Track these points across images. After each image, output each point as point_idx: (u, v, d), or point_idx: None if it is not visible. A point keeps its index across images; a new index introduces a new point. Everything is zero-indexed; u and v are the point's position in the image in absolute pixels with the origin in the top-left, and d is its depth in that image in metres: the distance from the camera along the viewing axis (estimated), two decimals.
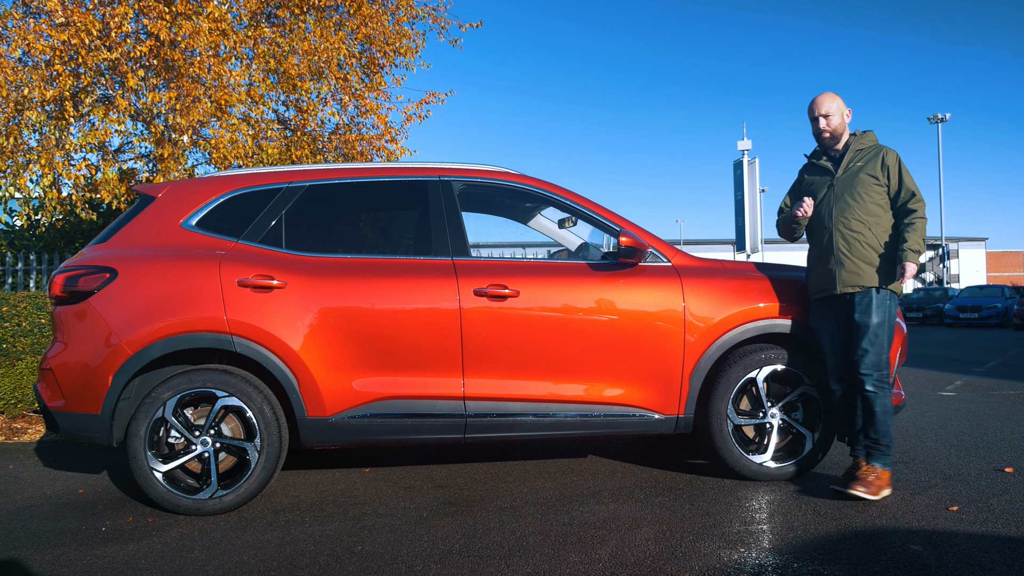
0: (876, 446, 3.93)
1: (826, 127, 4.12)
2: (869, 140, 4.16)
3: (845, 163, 4.09)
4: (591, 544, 3.30)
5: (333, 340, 3.94)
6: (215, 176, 4.36)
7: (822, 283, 4.07)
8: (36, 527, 3.75)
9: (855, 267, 3.95)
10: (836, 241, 4.01)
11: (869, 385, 3.90)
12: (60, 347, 3.94)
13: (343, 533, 3.54)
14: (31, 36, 7.56)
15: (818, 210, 4.12)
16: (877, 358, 3.90)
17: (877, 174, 4.03)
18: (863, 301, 3.94)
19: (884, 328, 3.93)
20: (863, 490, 3.80)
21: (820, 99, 4.16)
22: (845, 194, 4.03)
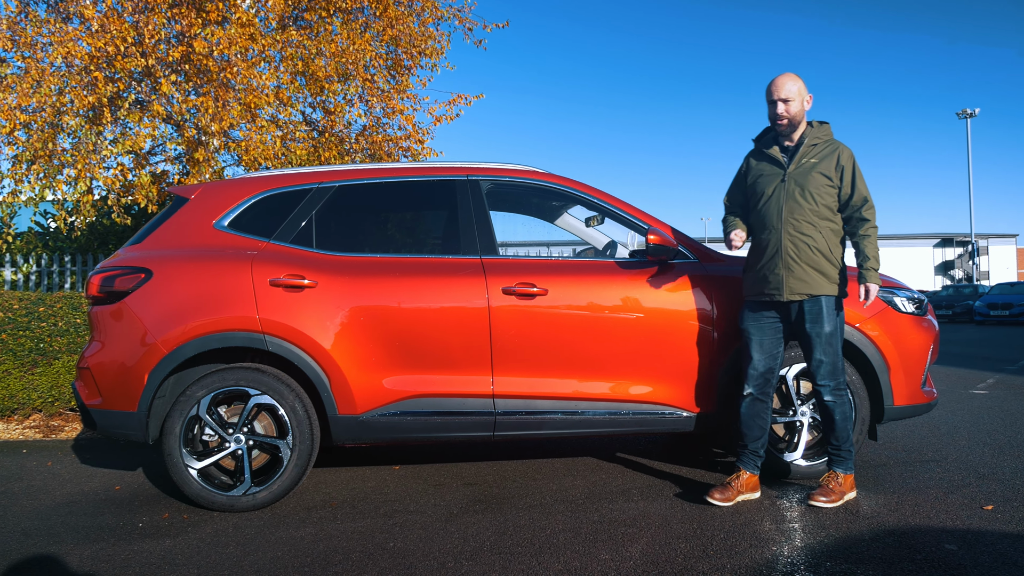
0: (837, 453, 3.82)
1: (784, 113, 3.78)
2: (825, 134, 3.87)
3: (798, 157, 3.80)
4: (622, 542, 3.29)
5: (363, 339, 3.96)
6: (247, 177, 4.40)
7: (764, 287, 3.81)
8: (75, 522, 3.81)
9: (804, 274, 3.72)
10: (784, 244, 3.75)
11: (828, 395, 3.77)
12: (97, 346, 4.00)
13: (375, 530, 3.56)
14: (71, 44, 7.68)
15: (766, 207, 3.84)
16: (833, 366, 3.75)
17: (831, 174, 3.76)
18: (813, 310, 3.73)
19: (836, 336, 3.76)
20: (823, 500, 3.66)
21: (780, 81, 3.80)
22: (796, 192, 3.76)
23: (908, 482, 4.17)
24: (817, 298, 3.73)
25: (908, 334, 4.28)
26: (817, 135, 3.85)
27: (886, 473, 4.37)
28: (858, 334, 4.19)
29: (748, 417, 3.88)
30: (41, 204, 10.09)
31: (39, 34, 8.14)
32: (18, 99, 7.77)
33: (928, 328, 4.39)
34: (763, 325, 3.87)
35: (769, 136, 3.96)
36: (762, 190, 3.87)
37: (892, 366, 4.21)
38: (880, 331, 4.20)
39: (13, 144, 8.34)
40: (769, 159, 3.91)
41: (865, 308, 4.20)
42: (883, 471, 4.41)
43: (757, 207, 3.90)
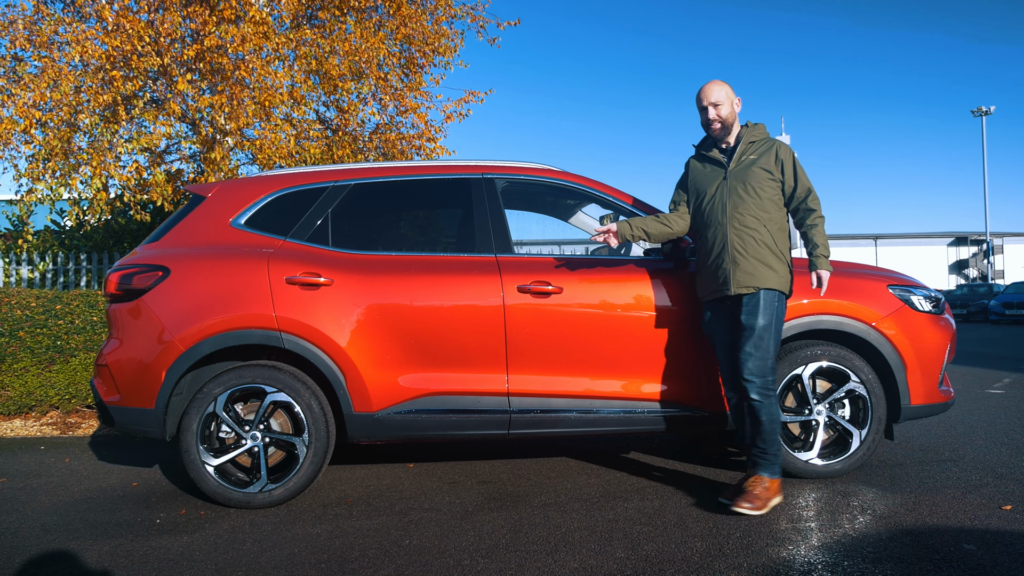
0: (763, 456, 3.71)
1: (716, 117, 3.83)
2: (760, 132, 3.91)
3: (738, 155, 3.83)
4: (637, 540, 3.29)
5: (379, 336, 3.97)
6: (263, 176, 4.42)
7: (715, 284, 3.80)
8: (94, 518, 3.84)
9: (750, 267, 3.71)
10: (731, 239, 3.75)
11: (754, 392, 3.67)
12: (115, 343, 4.03)
13: (390, 527, 3.57)
14: (88, 43, 7.74)
15: (710, 205, 3.85)
16: (762, 363, 3.66)
17: (771, 168, 3.79)
18: (751, 302, 3.70)
19: (771, 331, 3.69)
20: (748, 506, 3.55)
21: (709, 87, 3.87)
22: (739, 188, 3.78)
23: (925, 482, 4.14)
24: (757, 292, 3.70)
25: (925, 333, 4.26)
26: (753, 134, 3.89)
27: (903, 473, 4.34)
28: (874, 333, 4.17)
29: (739, 419, 3.87)
30: (57, 203, 10.16)
31: (55, 33, 8.19)
32: (35, 97, 7.83)
33: (945, 327, 4.37)
34: (724, 326, 3.85)
35: (708, 141, 3.99)
36: (705, 189, 3.89)
37: (909, 365, 4.19)
38: (897, 330, 4.18)
39: (30, 142, 8.40)
40: (710, 160, 3.94)
41: (882, 307, 4.18)
42: (899, 471, 4.39)
43: (701, 207, 3.89)
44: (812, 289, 3.96)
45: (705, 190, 3.89)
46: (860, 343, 4.23)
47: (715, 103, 3.83)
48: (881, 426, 4.19)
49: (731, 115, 3.86)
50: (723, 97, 3.84)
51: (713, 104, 3.83)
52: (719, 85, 3.87)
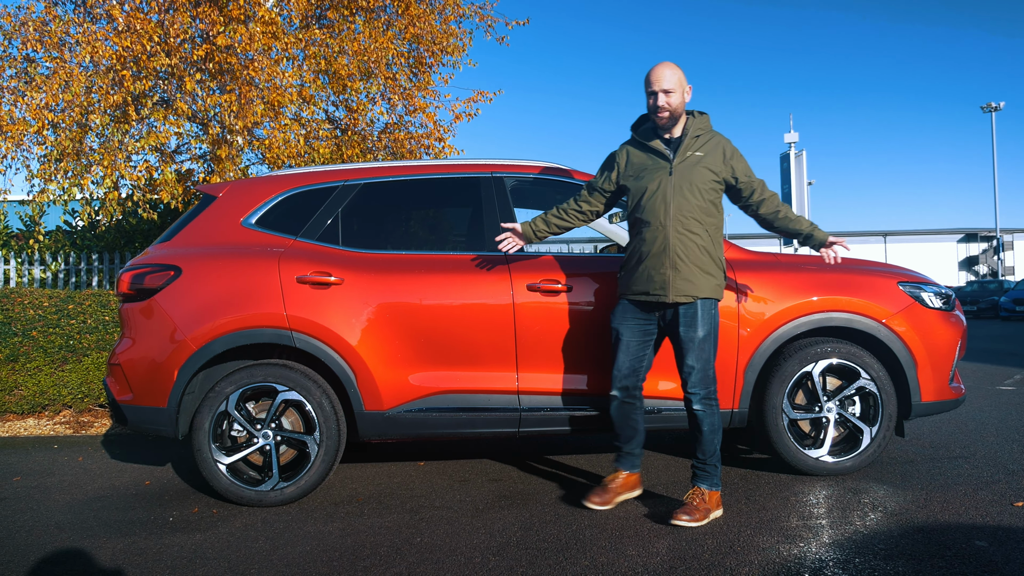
0: (703, 467, 3.59)
1: (666, 104, 3.51)
2: (705, 125, 3.66)
3: (683, 150, 3.58)
4: (648, 538, 3.29)
5: (389, 335, 3.98)
6: (273, 175, 4.44)
7: (648, 286, 3.57)
8: (107, 517, 3.86)
9: (690, 274, 3.51)
10: (672, 243, 3.51)
11: (697, 404, 3.54)
12: (128, 343, 4.05)
13: (401, 525, 3.58)
14: (98, 43, 7.77)
15: (651, 202, 3.57)
16: (704, 374, 3.54)
17: (717, 168, 3.59)
18: (688, 313, 3.53)
19: (710, 340, 3.55)
20: (687, 518, 3.40)
21: (660, 71, 3.53)
22: (684, 187, 3.54)
23: (936, 478, 4.13)
24: (694, 302, 3.54)
25: (936, 329, 4.24)
26: (700, 127, 3.64)
27: (914, 470, 4.33)
28: (885, 329, 4.15)
29: (619, 419, 3.74)
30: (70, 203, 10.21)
31: (66, 34, 8.23)
32: (47, 99, 7.87)
33: (956, 323, 4.35)
34: (634, 327, 3.68)
35: (647, 127, 3.70)
36: (646, 184, 3.61)
37: (920, 362, 4.17)
38: (907, 327, 4.17)
39: (42, 143, 8.45)
40: (652, 151, 3.65)
41: (892, 304, 4.17)
42: (911, 467, 4.38)
43: (640, 202, 3.62)
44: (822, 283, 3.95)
45: (646, 185, 3.61)
46: (870, 340, 4.22)
47: (667, 90, 3.51)
48: (892, 423, 4.18)
49: (681, 104, 3.57)
50: (675, 84, 3.53)
51: (664, 91, 3.51)
52: (672, 70, 3.55)
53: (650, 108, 3.59)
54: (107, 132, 8.57)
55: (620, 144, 3.85)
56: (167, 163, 9.07)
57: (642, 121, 3.77)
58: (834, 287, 4.19)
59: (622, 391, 3.70)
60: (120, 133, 8.54)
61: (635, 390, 3.72)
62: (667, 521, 3.46)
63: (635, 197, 3.66)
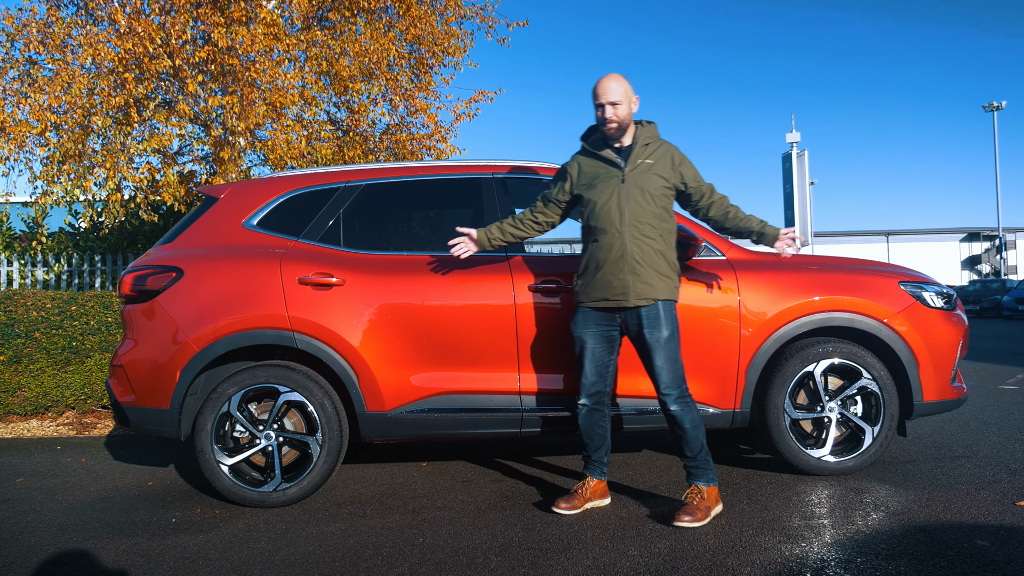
0: (694, 464, 3.60)
1: (614, 116, 3.58)
2: (653, 134, 3.73)
3: (634, 158, 3.64)
4: (650, 538, 3.29)
5: (391, 336, 3.99)
6: (275, 177, 4.44)
7: (608, 292, 3.60)
8: (110, 518, 3.87)
9: (648, 277, 3.55)
10: (630, 248, 3.56)
11: (673, 404, 3.55)
12: (130, 344, 4.05)
13: (404, 526, 3.58)
14: (100, 46, 7.79)
15: (605, 210, 3.61)
16: (674, 373, 3.56)
17: (667, 175, 3.65)
18: (650, 315, 3.56)
19: (675, 340, 3.59)
20: (688, 519, 3.41)
21: (607, 84, 3.59)
22: (637, 194, 3.59)
23: (938, 478, 4.12)
24: (655, 304, 3.58)
25: (937, 329, 4.24)
26: (648, 135, 3.71)
27: (916, 469, 4.32)
28: (886, 329, 4.15)
29: (587, 427, 3.75)
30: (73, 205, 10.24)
31: (68, 36, 8.25)
32: (49, 100, 7.88)
33: (957, 323, 4.35)
34: (597, 334, 3.69)
35: (597, 137, 3.76)
36: (599, 192, 3.66)
37: (921, 361, 4.17)
38: (909, 326, 4.16)
39: (45, 145, 8.46)
40: (603, 160, 3.71)
41: (893, 303, 4.16)
42: (913, 467, 4.37)
43: (595, 210, 3.66)
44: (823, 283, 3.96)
45: (600, 193, 3.65)
46: (872, 340, 4.21)
47: (613, 102, 3.57)
48: (894, 423, 4.17)
49: (628, 115, 3.63)
50: (622, 95, 3.59)
51: (612, 103, 3.58)
52: (618, 82, 3.61)
53: (599, 120, 3.66)
54: (109, 134, 8.59)
55: (571, 155, 3.90)
56: (169, 165, 9.11)
57: (591, 132, 3.83)
58: (835, 287, 4.19)
59: (591, 398, 3.72)
60: (122, 135, 8.56)
61: (604, 396, 3.74)
62: (669, 522, 3.46)
63: (590, 205, 3.70)
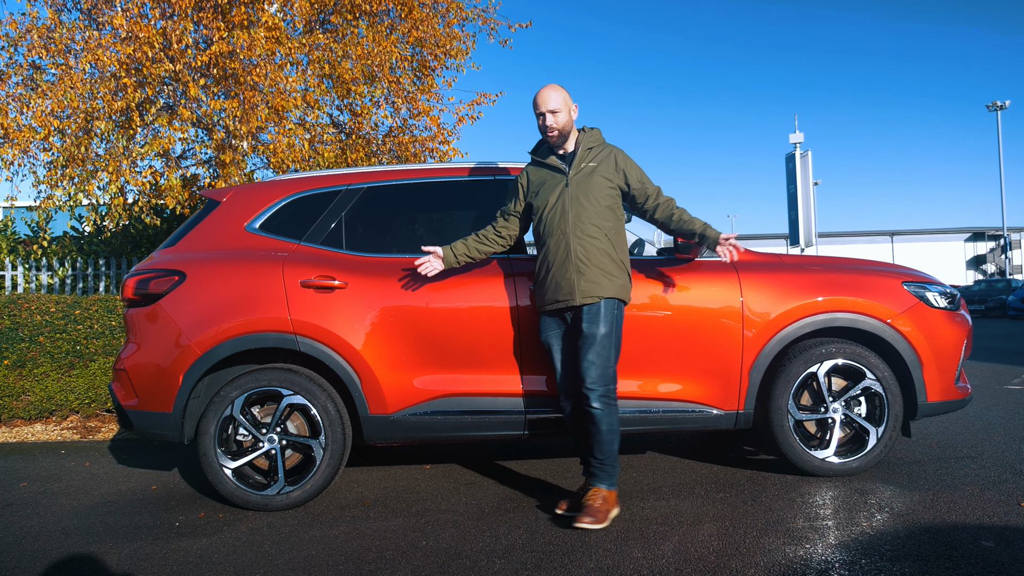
0: (602, 467, 3.60)
1: (554, 124, 3.67)
2: (597, 138, 3.80)
3: (577, 162, 3.71)
4: (653, 540, 3.28)
5: (394, 339, 3.99)
6: (277, 180, 4.45)
7: (559, 294, 3.65)
8: (114, 522, 3.88)
9: (593, 276, 3.60)
10: (574, 248, 3.61)
11: (595, 401, 3.54)
12: (133, 348, 4.06)
13: (407, 528, 3.58)
14: (100, 51, 7.81)
15: (551, 214, 3.68)
16: (604, 371, 3.57)
17: (611, 176, 3.70)
18: (591, 310, 3.60)
19: (611, 339, 3.60)
20: (589, 520, 3.41)
21: (545, 94, 3.69)
22: (580, 196, 3.65)
23: (943, 479, 4.11)
24: (599, 302, 3.60)
25: (941, 329, 4.23)
26: (591, 140, 3.77)
27: (920, 470, 4.31)
28: (890, 330, 4.14)
29: (577, 427, 3.77)
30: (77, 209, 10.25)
31: (71, 41, 8.27)
32: (52, 105, 7.90)
33: (961, 323, 4.34)
34: (561, 335, 3.74)
35: (544, 147, 3.85)
36: (546, 198, 3.73)
37: (925, 362, 4.16)
38: (912, 326, 4.15)
39: (48, 150, 8.49)
40: (549, 167, 3.79)
41: (896, 303, 4.15)
42: (917, 468, 4.36)
43: (542, 215, 3.73)
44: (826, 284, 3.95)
45: (546, 199, 3.72)
46: (876, 340, 4.21)
47: (553, 110, 3.66)
48: (898, 423, 4.16)
49: (568, 122, 3.72)
50: (560, 104, 3.67)
51: (551, 111, 3.66)
52: (556, 91, 3.70)
53: (540, 129, 3.74)
54: (112, 138, 8.61)
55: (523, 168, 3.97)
56: (172, 168, 9.12)
57: (539, 145, 3.89)
58: (838, 287, 4.18)
59: (571, 400, 3.73)
60: (125, 139, 8.58)
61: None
62: (673, 523, 3.46)
63: (538, 211, 3.77)
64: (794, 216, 32.83)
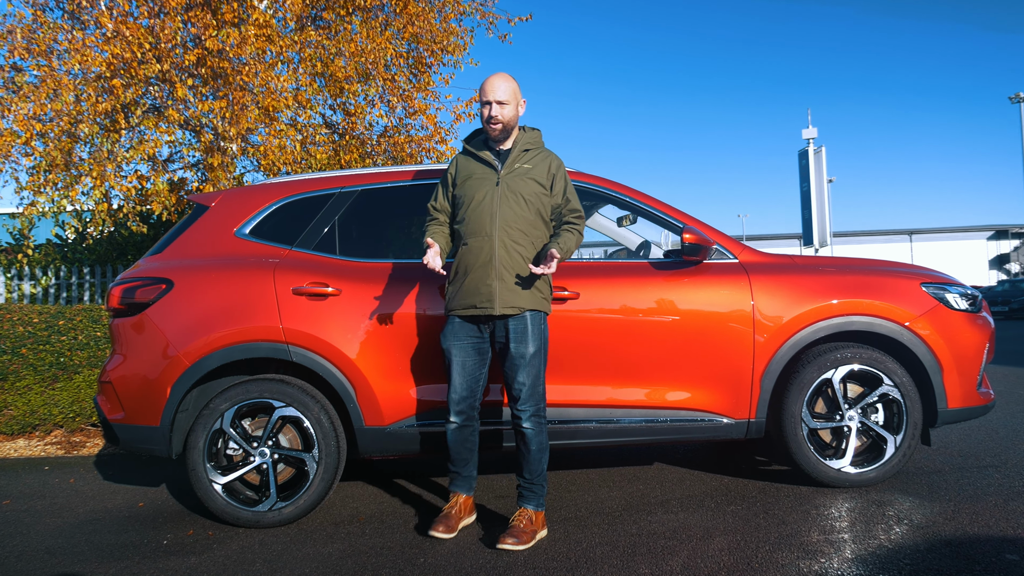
0: (530, 487, 3.63)
1: (499, 116, 3.58)
2: (536, 139, 3.75)
3: (511, 162, 3.65)
4: (661, 555, 3.28)
5: (390, 347, 3.99)
6: (267, 183, 4.46)
7: (475, 299, 3.56)
8: (99, 540, 3.88)
9: (515, 285, 3.54)
10: (498, 253, 3.53)
11: (527, 422, 3.56)
12: (119, 359, 4.07)
13: (405, 545, 3.58)
14: (86, 51, 7.83)
15: (478, 212, 3.60)
16: (534, 390, 3.57)
17: (543, 181, 3.65)
18: (518, 328, 3.56)
19: (540, 356, 3.59)
20: (512, 542, 3.42)
21: (495, 82, 3.60)
22: (511, 199, 3.58)
23: (965, 489, 4.10)
24: (523, 315, 3.57)
25: (962, 332, 4.22)
26: (529, 140, 3.72)
27: (941, 480, 4.30)
28: (908, 333, 4.14)
29: (456, 444, 3.70)
30: (61, 216, 10.28)
31: (54, 41, 8.30)
32: (35, 108, 7.93)
33: (983, 325, 4.33)
34: (467, 345, 3.65)
35: (480, 139, 3.77)
36: (473, 194, 3.65)
37: (945, 366, 4.16)
38: (932, 330, 4.15)
39: (31, 155, 8.51)
40: (481, 161, 3.71)
41: (915, 306, 4.15)
42: (938, 478, 4.35)
43: (467, 211, 3.65)
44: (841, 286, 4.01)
45: (473, 194, 3.64)
46: (893, 344, 4.21)
47: (501, 101, 3.57)
48: (917, 431, 4.16)
49: (514, 117, 3.64)
50: (510, 96, 3.59)
51: (499, 102, 3.57)
52: (506, 81, 3.62)
53: (484, 119, 3.65)
54: (96, 141, 8.64)
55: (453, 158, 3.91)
56: (159, 173, 9.15)
57: (475, 135, 3.84)
58: (854, 289, 4.18)
59: (460, 415, 3.67)
60: (110, 142, 8.60)
61: (474, 411, 3.72)
62: (681, 537, 3.46)
63: (463, 207, 3.69)
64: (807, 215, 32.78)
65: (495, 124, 3.61)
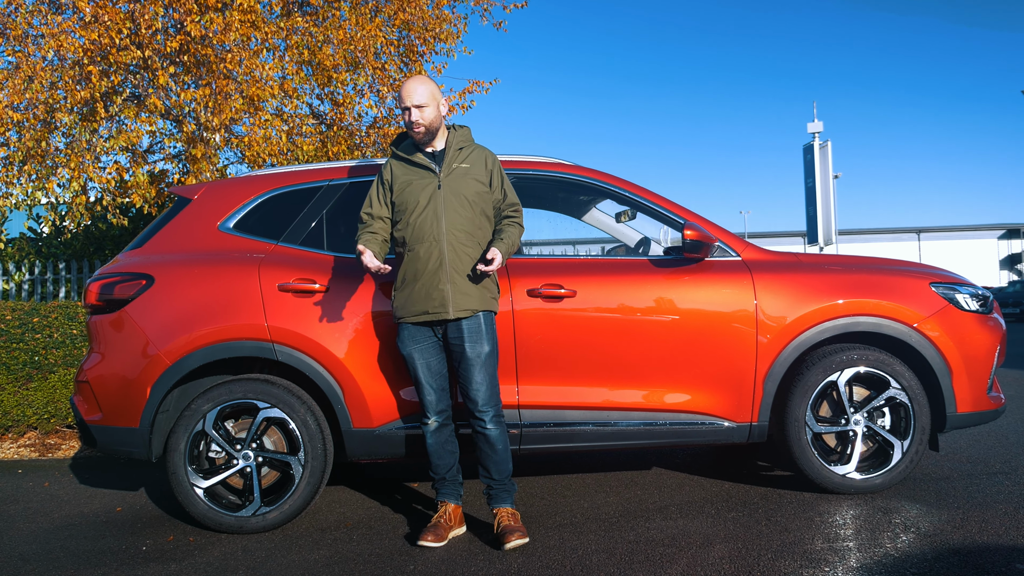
0: (500, 488, 3.72)
1: (420, 120, 3.64)
2: (467, 137, 3.83)
3: (448, 163, 3.71)
4: (659, 563, 3.29)
5: (379, 347, 3.99)
6: (252, 175, 4.46)
7: (428, 304, 3.63)
8: (75, 547, 3.87)
9: (466, 287, 3.62)
10: (448, 257, 3.60)
11: (489, 423, 3.64)
12: (96, 358, 4.06)
13: (393, 552, 3.58)
14: (63, 36, 7.81)
15: (422, 218, 3.64)
16: (492, 390, 3.66)
17: (483, 178, 3.74)
18: (472, 328, 3.64)
19: (494, 356, 3.70)
20: (519, 536, 3.53)
21: (411, 86, 3.67)
22: (454, 201, 3.65)
23: (974, 496, 4.13)
24: (476, 315, 3.66)
25: (972, 334, 4.24)
26: (461, 139, 3.80)
27: (949, 487, 4.33)
28: (916, 335, 4.16)
29: (437, 447, 3.78)
30: (35, 208, 10.23)
31: (30, 26, 8.27)
32: (9, 97, 7.90)
33: (994, 327, 4.35)
34: (426, 347, 3.72)
35: (408, 142, 3.81)
36: (417, 199, 3.68)
37: (954, 369, 4.17)
38: (941, 331, 4.17)
39: (4, 144, 8.48)
40: (417, 165, 3.74)
41: (924, 307, 4.17)
42: (946, 485, 4.37)
43: (412, 217, 3.68)
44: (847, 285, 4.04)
45: (417, 199, 3.68)
46: (901, 346, 4.22)
47: (419, 104, 3.64)
48: (925, 436, 4.18)
49: (437, 118, 3.71)
50: (428, 98, 3.66)
51: (417, 106, 3.64)
52: (424, 84, 3.70)
53: (406, 124, 3.72)
54: (74, 131, 8.61)
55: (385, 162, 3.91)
56: (139, 164, 9.11)
57: (402, 138, 3.87)
58: (861, 289, 4.19)
59: (438, 415, 3.75)
60: (88, 132, 8.57)
61: (449, 411, 3.79)
62: (681, 544, 3.47)
63: (406, 213, 3.71)
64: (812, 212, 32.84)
65: (418, 128, 3.68)
